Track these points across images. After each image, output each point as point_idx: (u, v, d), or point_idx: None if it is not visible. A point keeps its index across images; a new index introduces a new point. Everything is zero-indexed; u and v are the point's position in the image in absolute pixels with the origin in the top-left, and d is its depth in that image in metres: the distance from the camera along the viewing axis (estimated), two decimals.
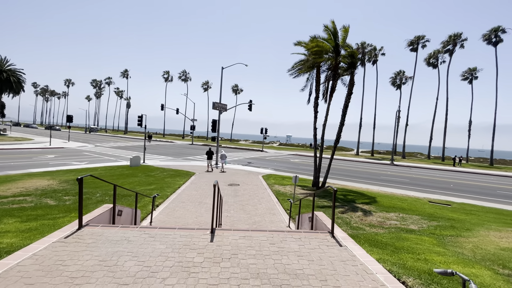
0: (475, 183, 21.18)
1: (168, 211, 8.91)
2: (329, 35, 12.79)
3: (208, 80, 73.09)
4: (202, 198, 10.95)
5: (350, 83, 14.46)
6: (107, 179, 13.65)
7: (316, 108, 15.16)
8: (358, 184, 17.12)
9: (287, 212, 9.61)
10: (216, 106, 23.11)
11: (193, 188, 12.89)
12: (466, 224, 7.84)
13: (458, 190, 17.64)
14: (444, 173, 27.80)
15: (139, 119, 22.66)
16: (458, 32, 43.32)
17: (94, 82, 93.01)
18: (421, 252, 4.47)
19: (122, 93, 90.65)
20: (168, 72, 74.80)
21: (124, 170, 17.26)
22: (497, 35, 40.09)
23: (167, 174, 16.24)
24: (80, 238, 3.75)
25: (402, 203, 11.65)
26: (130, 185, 12.44)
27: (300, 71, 16.01)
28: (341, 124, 14.43)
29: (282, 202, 10.95)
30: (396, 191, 15.50)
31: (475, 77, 46.09)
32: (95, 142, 41.29)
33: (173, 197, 10.89)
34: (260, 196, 12.01)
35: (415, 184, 19.14)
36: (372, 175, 22.57)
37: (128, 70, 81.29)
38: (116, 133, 77.75)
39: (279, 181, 16.09)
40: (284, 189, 13.63)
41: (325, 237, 4.33)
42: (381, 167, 30.46)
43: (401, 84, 51.81)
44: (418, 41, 45.87)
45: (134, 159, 19.63)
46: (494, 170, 32.70)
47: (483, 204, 13.14)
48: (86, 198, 9.60)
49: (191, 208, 9.46)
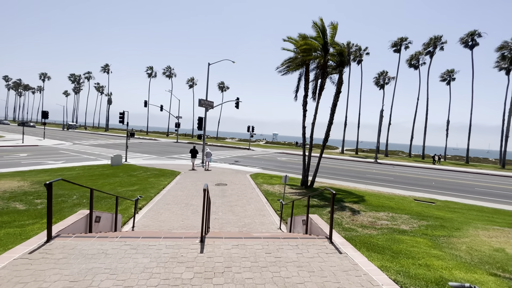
0: (454, 181, 21.98)
1: (152, 214, 8.38)
2: (317, 32, 12.61)
3: (193, 77, 71.64)
4: (188, 199, 10.46)
5: (339, 82, 14.40)
6: (86, 179, 12.84)
7: (305, 106, 14.99)
8: (345, 183, 17.22)
9: (277, 213, 9.36)
10: (202, 103, 22.48)
11: (178, 189, 12.34)
12: (454, 223, 7.92)
13: (440, 187, 18.18)
14: (425, 171, 28.73)
15: (121, 115, 21.61)
16: (438, 35, 44.92)
17: (72, 77, 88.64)
18: (420, 256, 4.34)
19: (103, 88, 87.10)
20: (152, 68, 72.53)
21: (104, 170, 16.35)
22: (473, 39, 41.94)
23: (150, 174, 15.54)
24: (48, 252, 3.25)
25: (390, 201, 11.73)
26: (110, 186, 11.71)
27: (289, 68, 15.78)
28: (329, 123, 14.36)
29: (272, 202, 10.68)
30: (383, 189, 15.70)
31: (452, 79, 48.06)
32: (74, 140, 39.24)
33: (157, 199, 10.33)
34: (249, 196, 11.69)
35: (400, 182, 19.55)
36: (358, 173, 22.86)
37: (109, 65, 78.14)
38: (96, 131, 74.54)
39: (268, 180, 15.84)
40: (273, 189, 13.38)
41: (323, 243, 4.08)
42: (366, 165, 31.03)
43: (384, 84, 53.11)
44: (401, 43, 47.12)
45: (115, 158, 18.68)
46: (470, 168, 34.27)
47: (464, 202, 13.56)
48: (61, 201, 8.86)
49: (177, 210, 8.97)
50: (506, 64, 40.42)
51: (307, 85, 14.95)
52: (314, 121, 14.17)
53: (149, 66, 72.25)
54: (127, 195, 10.29)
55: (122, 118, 21.71)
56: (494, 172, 30.83)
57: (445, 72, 48.50)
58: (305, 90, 14.96)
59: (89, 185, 11.69)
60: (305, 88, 14.96)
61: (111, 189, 11.20)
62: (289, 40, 14.59)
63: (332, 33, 12.55)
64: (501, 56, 40.24)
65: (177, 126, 49.47)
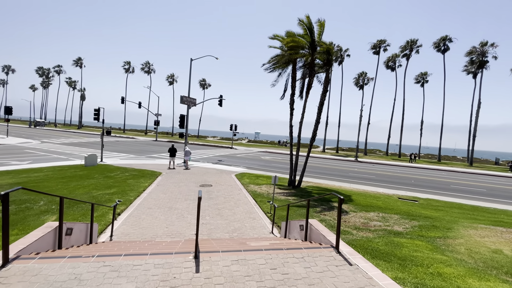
0: (431, 178, 22.93)
1: (133, 220, 7.65)
2: (304, 30, 12.37)
3: (173, 73, 69.40)
4: (171, 202, 9.78)
5: (326, 81, 14.30)
6: (56, 182, 11.67)
7: (292, 105, 14.74)
8: (330, 182, 17.26)
9: (267, 215, 8.98)
10: (184, 100, 21.56)
11: (160, 191, 11.57)
12: (443, 222, 8.00)
13: (419, 185, 18.81)
14: (403, 169, 29.84)
15: (96, 112, 20.14)
16: (414, 39, 46.91)
17: (40, 70, 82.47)
18: (427, 262, 4.16)
19: (75, 83, 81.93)
20: (129, 63, 69.24)
21: (77, 171, 15.06)
22: (445, 44, 44.26)
23: (129, 175, 14.53)
24: (3, 282, 2.59)
25: (377, 201, 11.80)
26: (85, 189, 10.70)
27: (276, 66, 15.44)
28: (316, 122, 14.23)
29: (261, 204, 10.28)
30: (367, 188, 15.89)
31: (426, 81, 50.47)
32: (42, 138, 36.31)
33: (137, 203, 9.54)
34: (236, 198, 11.21)
35: (381, 180, 20.00)
36: (341, 172, 23.15)
37: (82, 59, 73.49)
38: (68, 128, 69.91)
39: (254, 180, 15.44)
40: (260, 189, 13.00)
41: (329, 253, 3.73)
42: (347, 163, 31.63)
43: (363, 85, 54.70)
44: (380, 45, 48.65)
45: (90, 157, 17.34)
46: (443, 166, 36.16)
47: (444, 199, 14.03)
48: (25, 208, 7.84)
49: (160, 215, 8.29)
50: (473, 68, 43.08)
51: (294, 84, 14.70)
52: (302, 120, 13.97)
53: (127, 61, 68.95)
54: (103, 199, 9.40)
55: (97, 115, 20.24)
56: (464, 169, 32.73)
57: (419, 75, 50.85)
58: (292, 88, 14.71)
59: (59, 189, 10.63)
60: (292, 87, 14.70)
61: (86, 192, 10.21)
62: (276, 37, 14.23)
63: (319, 30, 12.37)
64: (469, 61, 42.81)
65: (157, 124, 47.57)
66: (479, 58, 41.56)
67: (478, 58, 41.59)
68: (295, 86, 14.73)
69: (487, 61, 41.00)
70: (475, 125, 42.00)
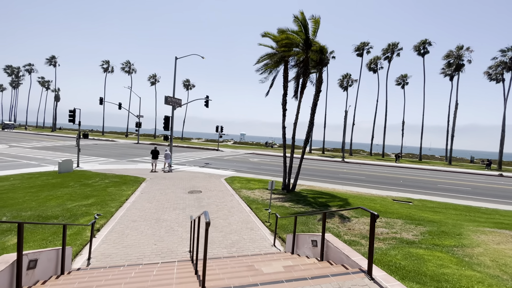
0: (418, 178, 23.28)
1: (115, 237, 6.66)
2: (299, 26, 11.86)
3: (155, 73, 67.12)
4: (159, 213, 8.83)
5: (319, 81, 13.89)
6: (23, 192, 10.31)
7: (284, 106, 14.19)
8: (322, 184, 16.87)
9: (266, 225, 8.28)
10: (169, 100, 20.42)
11: (145, 200, 10.54)
12: (448, 226, 7.71)
13: (408, 185, 18.91)
14: (390, 169, 30.28)
15: (71, 113, 18.54)
16: (395, 42, 48.22)
17: (9, 69, 76.87)
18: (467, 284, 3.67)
19: (49, 83, 77.17)
20: (108, 62, 66.05)
21: (49, 178, 13.59)
22: (425, 47, 45.88)
23: (109, 182, 13.29)
24: None
25: (375, 204, 11.47)
26: (58, 200, 9.46)
27: (267, 66, 14.85)
28: (310, 123, 13.77)
29: (257, 212, 9.57)
30: (360, 190, 15.64)
31: (406, 83, 52.10)
32: (10, 142, 33.43)
33: (120, 214, 8.50)
34: (229, 205, 10.42)
35: (372, 181, 19.94)
36: (331, 173, 22.94)
37: (56, 57, 69.20)
38: (41, 131, 65.42)
39: (245, 184, 14.70)
40: (253, 195, 12.28)
41: (362, 280, 3.11)
42: (335, 164, 31.66)
43: (347, 86, 55.63)
44: (363, 47, 49.60)
45: (64, 163, 15.82)
46: (424, 165, 37.23)
47: (436, 199, 14.01)
48: None
49: (146, 229, 7.35)
50: (450, 70, 44.95)
51: (286, 84, 14.17)
52: (297, 121, 13.43)
53: (105, 60, 65.72)
54: (79, 212, 8.28)
55: (73, 116, 18.63)
56: (445, 168, 33.84)
57: (400, 77, 52.41)
58: (284, 88, 14.17)
59: (27, 200, 9.31)
60: (284, 87, 14.17)
61: (58, 204, 9.01)
62: (268, 35, 13.63)
63: (314, 27, 11.90)
64: (447, 64, 44.62)
65: (138, 126, 45.52)
66: (456, 62, 43.40)
67: (455, 61, 43.43)
68: (287, 86, 14.20)
69: (463, 64, 42.89)
70: (453, 125, 43.76)
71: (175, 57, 21.33)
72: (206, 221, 2.65)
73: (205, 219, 2.68)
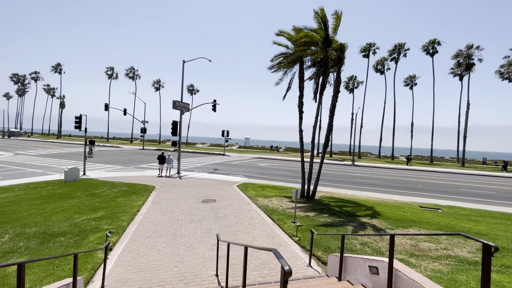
0: (436, 182, 22.25)
1: (130, 258, 5.90)
2: (319, 23, 11.15)
3: (159, 79, 66.99)
4: (174, 227, 8.06)
5: (337, 81, 13.14)
6: (28, 204, 9.63)
7: (301, 108, 13.46)
8: (340, 190, 15.99)
9: (293, 239, 7.45)
10: (177, 105, 19.81)
11: (158, 211, 9.80)
12: (502, 240, 6.85)
13: (428, 190, 17.94)
14: (403, 172, 29.22)
15: (77, 120, 17.99)
16: (402, 42, 47.48)
17: (15, 77, 77.50)
18: None
19: (54, 91, 77.44)
20: (112, 69, 66.21)
21: (55, 188, 12.94)
22: (434, 47, 44.99)
23: (118, 191, 12.59)
24: None
25: (404, 212, 10.58)
26: (65, 214, 8.76)
27: (280, 65, 14.18)
28: (329, 125, 12.98)
29: (280, 223, 8.75)
30: (381, 195, 14.76)
31: (415, 84, 51.09)
32: (16, 150, 33.09)
33: (132, 229, 7.76)
34: (249, 216, 9.62)
35: (389, 186, 19.01)
36: (345, 178, 22.04)
37: (61, 64, 69.55)
38: (46, 138, 65.44)
39: (260, 192, 13.90)
40: (271, 203, 11.48)
41: None
42: (346, 168, 30.72)
43: (353, 88, 54.84)
44: (369, 48, 48.90)
45: (71, 171, 15.19)
46: (437, 167, 36.07)
47: (465, 205, 13.03)
48: None
49: (163, 247, 6.58)
50: (459, 70, 43.94)
51: (302, 85, 13.46)
52: (316, 124, 12.67)
53: (110, 67, 65.89)
54: (89, 227, 7.55)
55: (79, 123, 18.08)
56: (459, 170, 32.65)
57: (408, 77, 51.43)
58: (300, 90, 13.45)
59: (32, 214, 8.61)
60: (300, 88, 13.45)
61: (65, 218, 8.29)
62: (282, 34, 12.99)
63: (335, 24, 11.20)
64: (456, 63, 43.63)
65: (143, 132, 45.07)
66: (465, 61, 42.42)
67: (465, 61, 42.45)
68: (303, 87, 13.48)
69: (473, 63, 41.89)
70: (465, 126, 42.60)
71: (183, 61, 20.78)
72: (285, 269, 1.86)
73: (284, 267, 1.86)
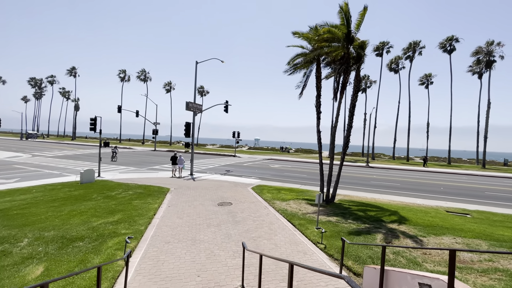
0: (459, 184, 21.22)
1: (150, 266, 5.63)
2: (342, 19, 10.67)
3: (170, 81, 67.62)
4: (193, 231, 7.77)
5: (357, 79, 12.59)
6: (46, 206, 9.59)
7: (318, 108, 13.00)
8: (358, 193, 15.37)
9: (318, 247, 7.00)
10: (190, 106, 19.68)
11: (174, 214, 9.55)
12: None
13: (452, 193, 17.06)
14: (421, 174, 28.15)
15: (92, 122, 18.11)
16: (417, 40, 46.07)
17: (32, 81, 79.95)
18: None
19: (69, 94, 79.52)
20: (125, 71, 67.41)
21: (72, 190, 12.95)
22: (451, 44, 43.41)
23: (133, 193, 12.47)
24: None
25: (432, 218, 9.94)
26: (82, 217, 8.62)
27: (297, 67, 13.77)
28: (349, 126, 12.44)
29: (302, 229, 8.32)
30: (403, 199, 14.08)
31: (430, 82, 49.48)
32: (33, 151, 33.92)
33: (150, 233, 7.51)
34: (267, 220, 9.24)
35: (409, 188, 18.21)
36: (362, 180, 21.35)
37: (76, 68, 71.35)
38: (62, 139, 67.20)
39: (276, 195, 13.49)
40: (290, 207, 11.05)
41: None
42: (361, 170, 29.89)
43: (366, 88, 53.67)
44: (383, 47, 47.71)
45: (86, 173, 15.24)
46: (456, 169, 34.62)
47: (497, 211, 12.19)
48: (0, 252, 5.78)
49: (183, 253, 6.29)
50: (478, 68, 42.20)
51: (319, 84, 13.00)
52: (336, 124, 12.20)
53: (122, 69, 67.15)
54: (106, 231, 7.36)
55: (94, 125, 18.20)
56: (481, 172, 31.20)
57: (423, 76, 49.87)
58: (317, 89, 13.00)
59: (50, 217, 8.49)
60: (317, 87, 13.00)
61: (83, 221, 8.15)
62: (298, 34, 12.59)
63: (359, 20, 10.70)
64: (476, 61, 41.91)
65: (155, 133, 45.47)
66: (486, 58, 40.71)
67: (485, 58, 40.74)
68: (320, 86, 13.02)
69: (494, 60, 40.14)
70: (486, 126, 40.82)
71: (196, 62, 20.66)
72: None
73: None
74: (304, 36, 12.59)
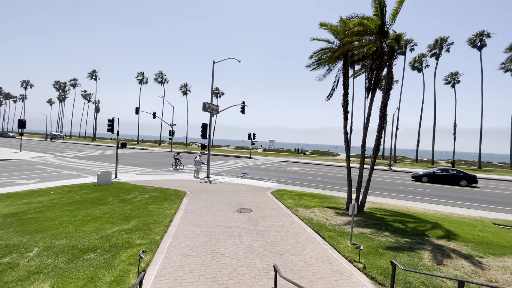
0: (496, 192, 19.29)
1: (166, 285, 4.95)
2: (375, 8, 9.64)
3: (186, 83, 68.24)
4: (212, 243, 7.06)
5: (389, 76, 11.49)
6: (61, 210, 9.23)
7: (345, 107, 12.00)
8: (387, 200, 14.13)
9: (356, 266, 6.07)
10: (207, 107, 19.18)
11: (192, 222, 8.91)
12: None
13: (492, 201, 15.39)
14: None
15: (110, 123, 18.02)
16: (444, 36, 43.56)
17: (57, 84, 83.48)
18: None
19: (90, 96, 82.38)
20: (143, 74, 68.82)
21: (88, 192, 12.69)
22: (482, 40, 40.56)
23: (149, 197, 12.00)
24: None
25: (481, 232, 8.68)
26: (96, 223, 8.15)
27: (321, 62, 12.82)
28: (379, 127, 11.34)
29: (333, 242, 7.39)
30: (438, 208, 12.72)
31: (457, 81, 46.57)
32: (56, 152, 34.91)
33: (166, 244, 6.87)
34: (293, 231, 8.38)
35: (441, 195, 16.65)
36: (387, 185, 19.91)
37: (96, 71, 73.75)
38: (82, 140, 69.52)
39: (298, 201, 12.58)
40: (315, 216, 10.12)
41: None
42: (384, 174, 28.27)
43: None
44: (406, 45, 45.37)
45: (103, 175, 15.03)
46: (489, 174, 32.02)
47: None
48: (7, 265, 5.31)
49: (203, 270, 5.57)
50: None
51: (346, 81, 12.00)
52: (368, 125, 11.14)
53: (140, 72, 68.60)
54: (120, 240, 6.80)
55: (111, 126, 18.11)
56: None
57: (449, 75, 47.08)
58: (345, 87, 12.00)
59: (63, 222, 8.00)
60: (345, 85, 12.00)
61: (96, 229, 7.66)
62: (326, 26, 11.66)
63: (395, 9, 9.63)
64: (511, 57, 38.84)
65: (171, 135, 45.73)
66: None
67: None
68: (348, 84, 12.01)
69: None
70: None
71: (213, 61, 20.17)
72: None
73: None
74: (333, 28, 11.62)
